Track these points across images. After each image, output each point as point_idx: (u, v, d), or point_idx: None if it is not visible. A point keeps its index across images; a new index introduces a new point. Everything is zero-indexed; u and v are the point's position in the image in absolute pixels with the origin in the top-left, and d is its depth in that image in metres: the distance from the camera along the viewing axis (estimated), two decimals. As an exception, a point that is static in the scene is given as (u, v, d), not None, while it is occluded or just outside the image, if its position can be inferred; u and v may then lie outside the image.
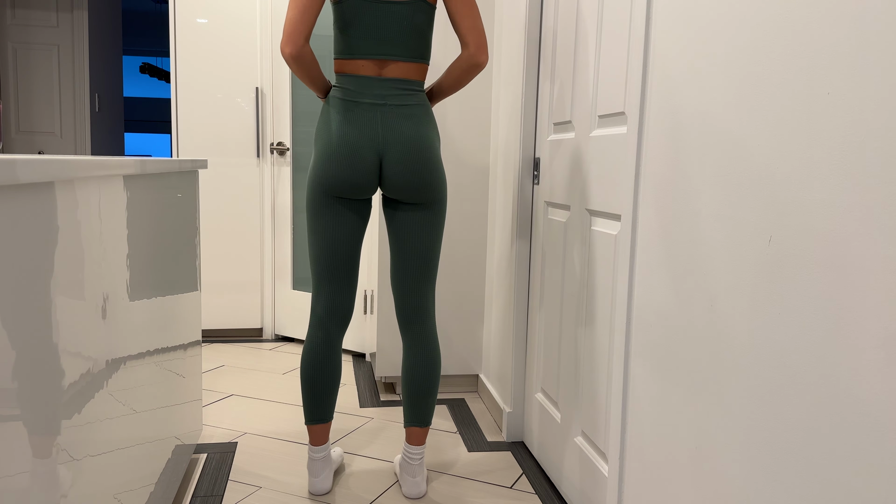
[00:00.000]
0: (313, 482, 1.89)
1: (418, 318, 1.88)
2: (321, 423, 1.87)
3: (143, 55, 12.06)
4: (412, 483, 1.89)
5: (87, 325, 1.03)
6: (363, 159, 1.71)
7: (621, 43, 1.57)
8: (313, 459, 1.89)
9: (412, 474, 1.90)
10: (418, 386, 1.88)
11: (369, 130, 1.71)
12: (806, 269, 0.91)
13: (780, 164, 0.96)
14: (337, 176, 1.73)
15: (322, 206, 1.77)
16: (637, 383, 1.41)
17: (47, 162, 0.79)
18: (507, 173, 2.42)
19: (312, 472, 1.89)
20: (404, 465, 1.91)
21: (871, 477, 0.80)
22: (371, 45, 1.70)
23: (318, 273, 1.82)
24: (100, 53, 5.46)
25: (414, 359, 1.88)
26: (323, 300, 1.82)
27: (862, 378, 0.82)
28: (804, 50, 0.92)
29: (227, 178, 3.42)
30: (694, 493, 1.19)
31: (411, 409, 1.90)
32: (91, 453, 1.06)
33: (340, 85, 1.74)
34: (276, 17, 3.36)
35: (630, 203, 1.43)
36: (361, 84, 1.72)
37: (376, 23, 1.69)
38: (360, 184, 1.74)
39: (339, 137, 1.71)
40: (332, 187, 1.74)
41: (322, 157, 1.74)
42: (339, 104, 1.73)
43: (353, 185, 1.73)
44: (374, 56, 1.71)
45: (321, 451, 1.88)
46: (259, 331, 3.55)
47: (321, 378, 1.84)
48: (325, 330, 1.83)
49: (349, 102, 1.72)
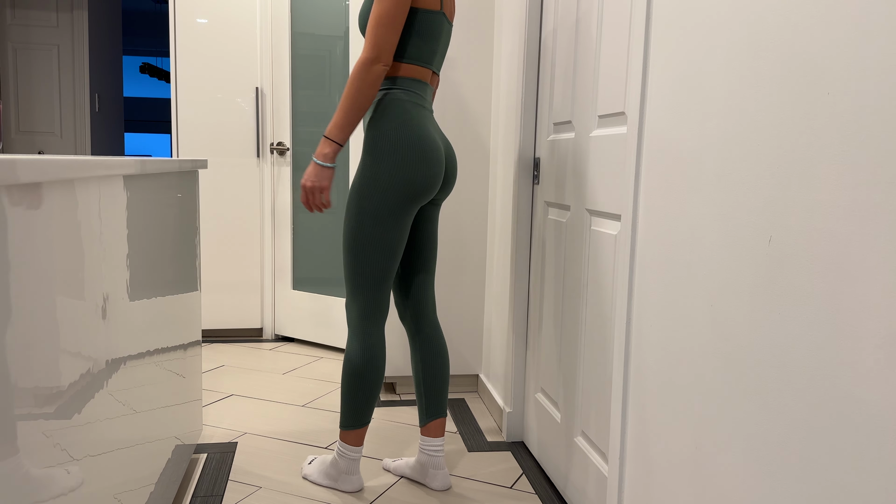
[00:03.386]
0: (355, 480, 1.91)
1: (430, 311, 1.96)
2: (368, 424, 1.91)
3: (143, 55, 12.06)
4: (441, 475, 1.94)
5: (87, 325, 1.03)
6: (443, 158, 1.80)
7: (621, 43, 1.57)
8: (354, 459, 1.90)
9: (438, 467, 1.95)
10: (437, 378, 1.95)
11: (438, 131, 1.83)
12: (806, 269, 0.91)
13: (780, 164, 0.96)
14: (433, 177, 1.75)
15: (402, 212, 1.74)
16: (637, 383, 1.41)
17: (47, 162, 0.79)
18: (507, 173, 2.42)
19: (352, 470, 1.90)
20: (429, 460, 1.95)
21: (872, 477, 0.80)
22: (437, 59, 1.83)
23: (379, 281, 1.78)
24: (100, 53, 5.46)
25: (430, 352, 1.94)
26: (382, 306, 1.81)
27: (862, 378, 0.82)
28: (804, 50, 0.92)
29: (227, 178, 3.42)
30: (694, 493, 1.19)
31: (432, 402, 1.95)
32: (91, 453, 1.06)
33: (409, 88, 1.76)
34: (276, 17, 3.36)
35: (630, 203, 1.43)
36: (425, 90, 1.81)
37: (444, 40, 1.83)
38: (440, 184, 1.80)
39: (430, 140, 1.75)
40: (425, 190, 1.74)
41: (417, 160, 1.72)
42: (414, 108, 1.75)
43: (438, 185, 1.79)
44: (432, 68, 1.82)
45: (361, 450, 1.91)
46: (259, 331, 3.55)
47: (380, 382, 1.85)
48: (383, 336, 1.84)
49: (419, 107, 1.77)
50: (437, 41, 1.79)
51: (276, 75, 3.39)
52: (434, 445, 1.95)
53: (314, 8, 3.30)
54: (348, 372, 1.82)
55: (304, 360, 3.20)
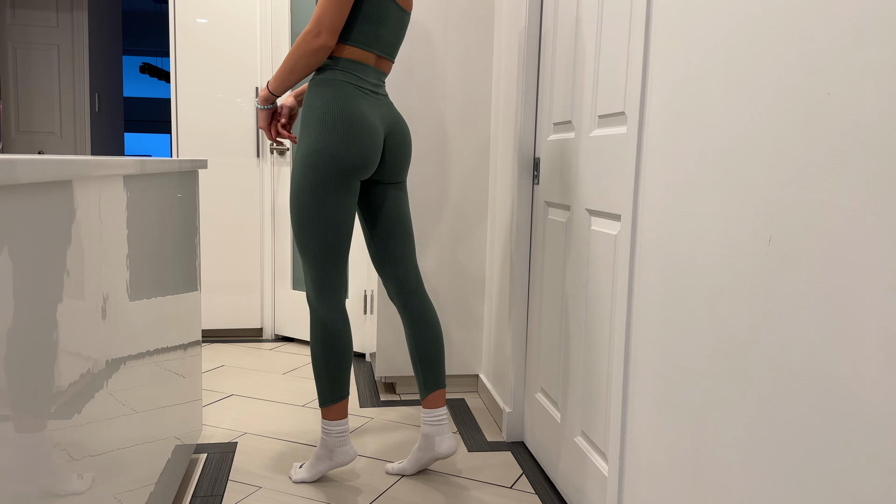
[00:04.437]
0: (348, 451, 1.93)
1: (418, 288, 2.01)
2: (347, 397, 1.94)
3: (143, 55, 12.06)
4: (448, 439, 1.97)
5: (87, 325, 1.03)
6: (379, 138, 1.83)
7: (621, 43, 1.57)
8: (341, 432, 1.92)
9: (442, 433, 1.97)
10: (432, 351, 1.99)
11: (378, 112, 1.85)
12: (806, 269, 0.91)
13: (780, 164, 0.96)
14: (361, 154, 1.78)
15: (336, 187, 1.79)
16: (637, 383, 1.41)
17: (47, 162, 0.79)
18: (506, 173, 2.42)
19: (342, 442, 1.93)
20: (432, 430, 1.97)
21: (872, 477, 0.80)
22: (382, 43, 1.85)
23: (327, 255, 1.83)
24: (100, 53, 5.46)
25: (423, 327, 1.99)
26: (334, 281, 1.86)
27: (862, 378, 0.82)
28: (804, 50, 0.92)
29: (227, 178, 3.42)
30: (694, 493, 1.19)
31: (430, 375, 1.99)
32: (91, 453, 1.06)
33: (348, 70, 1.81)
34: (276, 17, 3.36)
35: (630, 203, 1.43)
36: (366, 72, 1.84)
37: (394, 26, 1.86)
38: (374, 162, 1.84)
39: (360, 117, 1.78)
40: (353, 166, 1.78)
41: (343, 136, 1.76)
42: (348, 87, 1.79)
43: (370, 163, 1.82)
44: (376, 51, 1.85)
45: (346, 421, 1.94)
46: (259, 331, 3.55)
47: (348, 352, 1.90)
48: (341, 308, 1.89)
49: (356, 87, 1.81)
50: (384, 26, 1.83)
51: (276, 75, 3.39)
52: (436, 415, 1.98)
53: (314, 8, 3.30)
54: (315, 348, 1.89)
55: (304, 360, 3.20)
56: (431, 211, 2.66)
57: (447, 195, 2.67)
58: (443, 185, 2.65)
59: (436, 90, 2.61)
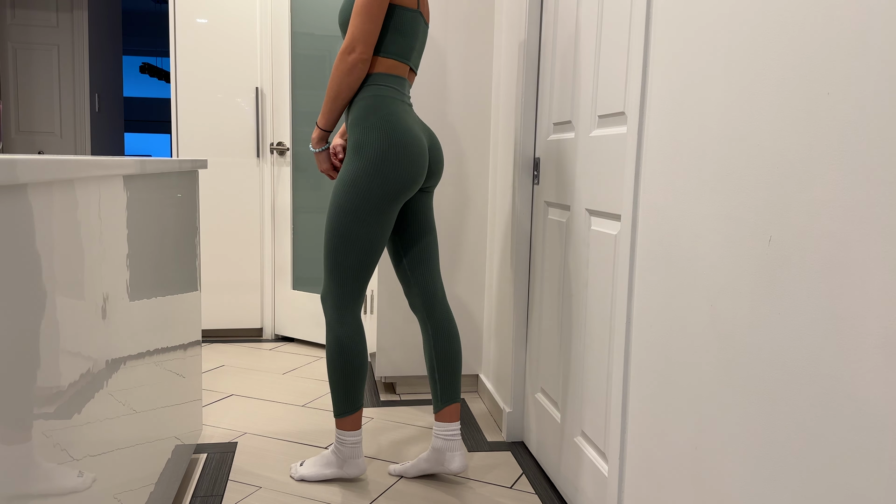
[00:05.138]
0: (359, 464, 1.93)
1: (440, 297, 1.99)
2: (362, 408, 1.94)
3: (143, 55, 12.06)
4: (459, 456, 1.96)
5: (87, 325, 1.03)
6: (427, 153, 1.83)
7: (621, 42, 1.57)
8: (354, 443, 1.92)
9: (454, 449, 1.97)
10: (451, 362, 1.98)
11: (419, 124, 1.86)
12: (806, 269, 0.91)
13: (780, 164, 0.96)
14: (414, 175, 1.78)
15: (384, 210, 1.77)
16: (637, 383, 1.41)
17: (47, 162, 0.79)
18: (506, 173, 2.42)
19: (355, 454, 1.93)
20: (445, 445, 1.96)
21: (872, 477, 0.80)
22: (414, 55, 1.87)
23: (357, 273, 1.81)
24: (100, 53, 5.46)
25: (442, 336, 1.98)
26: (357, 296, 1.85)
27: (862, 378, 0.82)
28: (804, 49, 0.92)
29: (227, 178, 3.42)
30: (694, 493, 1.19)
31: (446, 388, 1.98)
32: (91, 453, 1.06)
33: (388, 84, 1.80)
34: (275, 17, 3.36)
35: (630, 203, 1.43)
36: (404, 85, 1.85)
37: (421, 39, 1.88)
38: (423, 178, 1.84)
39: (413, 138, 1.78)
40: (406, 188, 1.78)
41: (398, 160, 1.74)
42: (393, 104, 1.79)
43: (421, 180, 1.83)
44: (410, 63, 1.87)
45: (360, 433, 1.94)
46: (259, 331, 3.55)
47: (363, 367, 1.89)
48: (357, 321, 1.88)
49: (399, 102, 1.81)
50: (413, 38, 1.84)
51: (276, 75, 3.39)
52: (450, 430, 1.97)
53: (314, 8, 3.30)
54: (332, 360, 1.87)
55: (304, 360, 3.20)
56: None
57: (447, 195, 2.67)
58: (443, 185, 2.65)
59: (436, 90, 2.61)
